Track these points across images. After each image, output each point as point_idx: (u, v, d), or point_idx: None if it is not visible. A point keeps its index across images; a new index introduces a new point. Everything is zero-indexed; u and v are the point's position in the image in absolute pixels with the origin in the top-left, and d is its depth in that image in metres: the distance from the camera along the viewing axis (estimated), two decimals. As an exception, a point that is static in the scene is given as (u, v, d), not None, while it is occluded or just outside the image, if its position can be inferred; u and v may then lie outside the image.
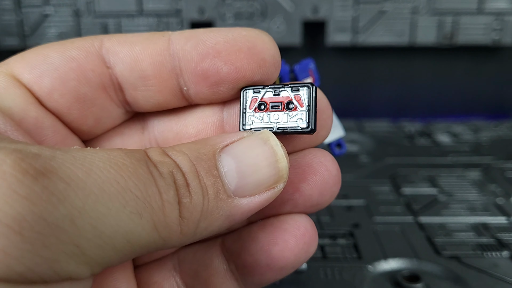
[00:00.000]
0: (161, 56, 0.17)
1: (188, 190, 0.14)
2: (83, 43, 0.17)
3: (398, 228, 0.32)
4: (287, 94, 0.16)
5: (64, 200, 0.11)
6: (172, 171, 0.14)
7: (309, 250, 0.18)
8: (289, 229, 0.18)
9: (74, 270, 0.12)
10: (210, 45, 0.16)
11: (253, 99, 0.17)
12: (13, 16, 0.51)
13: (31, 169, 0.11)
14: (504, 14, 0.51)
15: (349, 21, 0.51)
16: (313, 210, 0.18)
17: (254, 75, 0.16)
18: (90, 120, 0.17)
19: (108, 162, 0.13)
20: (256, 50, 0.16)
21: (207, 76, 0.16)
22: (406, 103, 0.58)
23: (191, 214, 0.14)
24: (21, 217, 0.11)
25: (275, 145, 0.15)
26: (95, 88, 0.17)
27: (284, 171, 0.15)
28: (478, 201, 0.36)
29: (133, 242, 0.13)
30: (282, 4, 0.50)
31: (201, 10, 0.51)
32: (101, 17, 0.51)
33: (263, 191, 0.15)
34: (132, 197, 0.13)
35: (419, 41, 0.52)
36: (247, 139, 0.16)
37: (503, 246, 0.30)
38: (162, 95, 0.17)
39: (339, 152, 0.26)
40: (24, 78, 0.16)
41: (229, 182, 0.15)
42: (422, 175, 0.41)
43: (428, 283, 0.26)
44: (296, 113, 0.16)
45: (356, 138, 0.51)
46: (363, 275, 0.27)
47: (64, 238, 0.11)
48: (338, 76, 0.57)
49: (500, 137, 0.50)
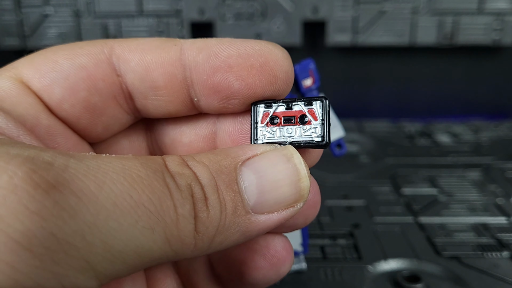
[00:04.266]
0: (172, 67, 0.16)
1: (206, 205, 0.14)
2: (93, 49, 0.16)
3: (398, 229, 0.32)
4: (300, 108, 0.16)
5: (75, 216, 0.11)
6: (190, 184, 0.14)
7: (278, 271, 0.18)
8: (258, 250, 0.18)
9: (82, 284, 0.12)
10: (222, 58, 0.16)
11: (264, 114, 0.16)
12: (13, 16, 0.51)
13: (43, 183, 0.11)
14: (504, 14, 0.51)
15: (349, 21, 0.51)
16: (286, 231, 0.18)
17: (265, 91, 0.16)
18: (99, 127, 0.17)
19: (122, 173, 0.12)
20: (268, 67, 0.16)
21: (218, 90, 0.16)
22: (406, 103, 0.58)
23: (207, 228, 0.14)
24: (31, 233, 0.11)
25: (299, 163, 0.15)
26: (105, 98, 0.17)
27: (305, 191, 0.15)
28: (478, 201, 0.36)
29: (144, 256, 0.13)
30: (282, 4, 0.50)
31: (201, 10, 0.51)
32: (101, 17, 0.51)
33: (282, 209, 0.15)
34: (145, 212, 0.12)
35: (419, 41, 0.52)
36: (269, 153, 0.15)
37: (503, 247, 0.30)
38: (173, 105, 0.17)
39: (339, 153, 0.26)
40: (34, 86, 0.16)
41: (248, 198, 0.15)
42: (422, 175, 0.41)
43: (428, 284, 0.26)
44: (310, 127, 0.16)
45: (356, 138, 0.51)
46: (363, 275, 0.27)
47: (73, 253, 0.11)
48: (338, 76, 0.57)
49: (500, 137, 0.50)
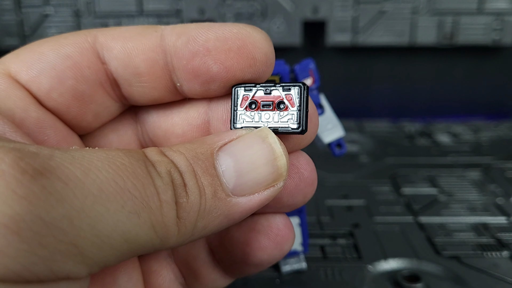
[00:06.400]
0: (154, 53, 0.16)
1: (185, 190, 0.14)
2: (77, 39, 0.17)
3: (398, 228, 0.32)
4: (278, 93, 0.16)
5: (63, 200, 0.11)
6: (170, 170, 0.14)
7: (282, 249, 0.18)
8: (261, 230, 0.18)
9: (71, 269, 0.12)
10: (200, 42, 0.16)
11: (244, 97, 0.16)
12: (13, 16, 0.51)
13: (30, 169, 0.11)
14: (504, 14, 0.51)
15: (349, 21, 0.51)
16: (287, 210, 0.19)
17: (245, 74, 0.16)
18: (89, 116, 0.17)
19: (107, 161, 0.13)
20: (246, 49, 0.16)
21: (198, 74, 0.16)
22: (406, 103, 0.58)
23: (188, 214, 0.14)
24: (19, 217, 0.11)
25: (274, 142, 0.15)
26: (92, 85, 0.17)
27: (283, 169, 0.15)
28: (478, 201, 0.36)
29: (131, 241, 0.13)
30: (282, 4, 0.50)
31: (201, 10, 0.51)
32: (101, 17, 0.51)
33: (262, 190, 0.15)
34: (130, 197, 0.13)
35: (419, 41, 0.52)
36: (245, 137, 0.15)
37: (503, 246, 0.30)
38: (157, 91, 0.17)
39: (339, 152, 0.26)
40: (21, 79, 0.16)
41: (227, 181, 0.15)
42: (422, 175, 0.41)
43: (428, 283, 0.26)
44: (287, 113, 0.16)
45: (356, 138, 0.51)
46: (363, 275, 0.27)
47: (62, 237, 0.11)
48: (338, 76, 0.57)
49: (500, 137, 0.50)
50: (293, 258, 0.27)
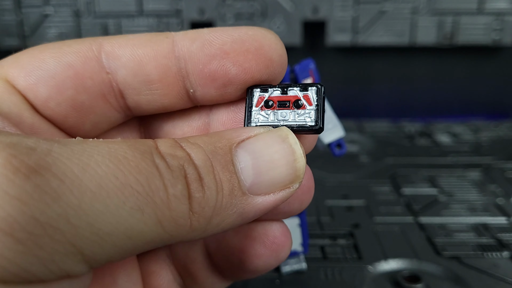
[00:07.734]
0: (166, 59, 0.16)
1: (201, 185, 0.14)
2: (80, 47, 0.16)
3: (398, 229, 0.32)
4: (295, 93, 0.16)
5: (58, 199, 0.11)
6: (183, 164, 0.14)
7: (278, 257, 0.18)
8: (257, 238, 0.18)
9: (71, 268, 0.12)
10: (217, 45, 0.16)
11: (260, 98, 0.17)
12: (13, 16, 0.51)
13: (23, 167, 0.11)
14: (504, 14, 0.51)
15: (349, 21, 0.51)
16: (283, 217, 0.19)
17: (262, 75, 0.16)
18: (87, 125, 0.17)
19: (108, 155, 0.12)
20: (263, 51, 0.16)
21: (215, 78, 0.16)
22: (406, 103, 0.58)
23: (203, 209, 0.14)
24: (11, 218, 0.11)
25: (294, 143, 0.15)
26: (93, 96, 0.16)
27: (301, 171, 0.15)
28: (478, 201, 0.36)
29: (135, 238, 0.12)
30: (282, 4, 0.50)
31: (201, 10, 0.51)
32: (101, 17, 0.51)
33: (278, 190, 0.15)
34: (132, 193, 0.12)
35: (419, 41, 0.52)
36: (264, 135, 0.15)
37: (503, 247, 0.30)
38: (167, 98, 0.17)
39: (339, 153, 0.26)
40: (19, 85, 0.16)
41: (244, 179, 0.15)
42: (422, 175, 0.41)
43: (428, 284, 0.26)
44: (304, 112, 0.16)
45: (356, 138, 0.51)
46: (363, 275, 0.27)
47: (58, 237, 0.11)
48: (338, 76, 0.57)
49: (500, 137, 0.50)
50: (293, 258, 0.27)
